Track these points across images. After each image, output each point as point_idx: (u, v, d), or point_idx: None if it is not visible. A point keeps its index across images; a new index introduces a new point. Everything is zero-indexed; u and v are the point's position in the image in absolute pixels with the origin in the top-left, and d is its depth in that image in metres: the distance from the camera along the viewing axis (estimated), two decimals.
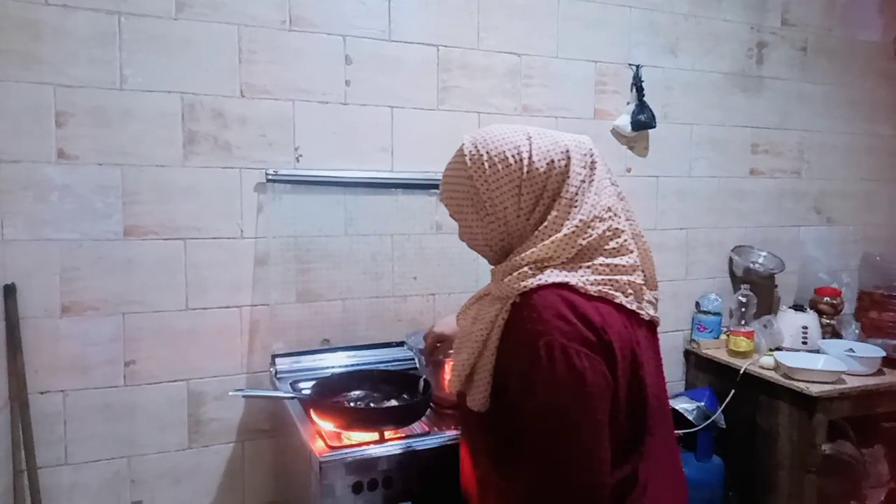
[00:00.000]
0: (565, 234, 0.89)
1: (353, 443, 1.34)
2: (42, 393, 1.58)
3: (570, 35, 2.10)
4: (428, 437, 1.39)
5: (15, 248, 1.54)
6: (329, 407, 1.41)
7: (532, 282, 0.88)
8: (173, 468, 1.72)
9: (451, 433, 1.40)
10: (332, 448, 1.31)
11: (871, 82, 2.64)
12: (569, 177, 0.92)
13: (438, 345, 1.42)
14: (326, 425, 1.38)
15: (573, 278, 0.88)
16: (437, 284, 1.99)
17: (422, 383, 1.48)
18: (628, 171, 2.22)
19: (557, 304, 0.85)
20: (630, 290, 0.90)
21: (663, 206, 2.30)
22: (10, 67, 1.51)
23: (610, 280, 0.89)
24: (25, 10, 1.51)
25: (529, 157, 0.92)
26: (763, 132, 2.48)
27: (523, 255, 0.91)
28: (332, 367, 1.76)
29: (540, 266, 0.90)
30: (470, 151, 0.95)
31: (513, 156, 0.92)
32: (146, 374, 1.68)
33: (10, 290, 1.53)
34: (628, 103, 2.19)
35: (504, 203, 0.93)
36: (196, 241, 1.70)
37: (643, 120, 2.14)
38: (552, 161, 0.92)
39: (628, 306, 0.90)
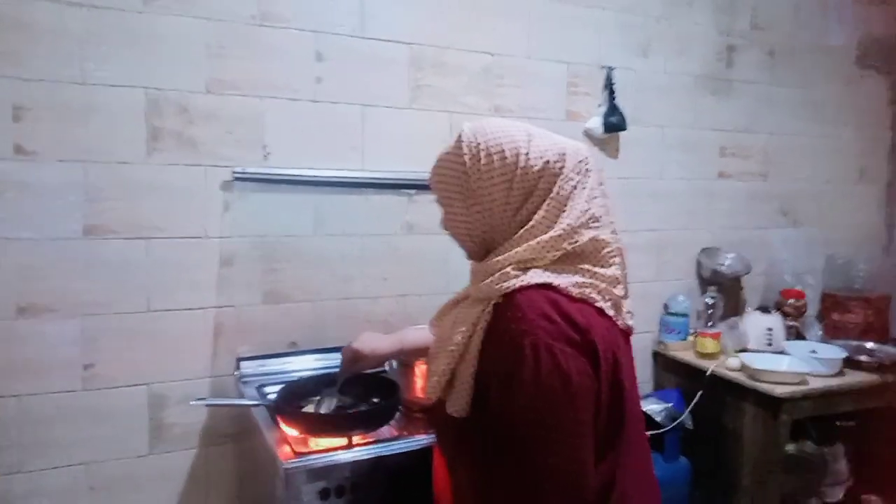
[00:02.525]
0: (552, 237, 0.89)
1: (321, 448, 1.32)
2: None
3: (542, 36, 2.10)
4: (397, 441, 1.37)
5: None
6: (295, 413, 1.38)
7: (515, 282, 0.87)
8: (134, 475, 1.67)
9: (420, 437, 1.39)
10: (299, 454, 1.28)
11: (834, 86, 2.70)
12: (561, 179, 0.91)
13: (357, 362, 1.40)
14: (293, 432, 1.36)
15: (557, 279, 0.87)
16: (409, 286, 1.97)
17: (390, 386, 1.47)
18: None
19: (542, 304, 0.85)
20: (609, 298, 0.90)
21: (634, 208, 2.31)
22: None
23: (592, 284, 0.89)
24: None
25: (526, 155, 0.91)
26: (731, 135, 2.51)
27: (506, 255, 0.90)
28: (300, 370, 1.73)
29: (523, 267, 0.89)
30: (468, 139, 0.94)
31: (510, 151, 0.91)
32: (106, 378, 1.62)
33: None
34: (599, 105, 2.20)
35: (493, 196, 0.92)
36: (159, 241, 1.65)
37: (614, 122, 2.15)
38: (548, 161, 0.91)
39: (607, 311, 0.89)
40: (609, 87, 2.18)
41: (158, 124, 1.63)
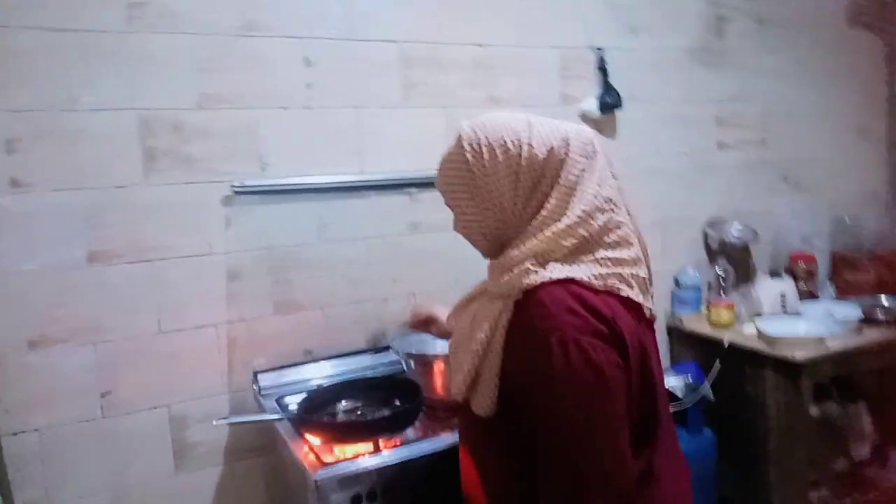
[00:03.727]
0: (567, 225, 0.86)
1: (348, 456, 1.31)
2: (15, 434, 1.51)
3: (531, 23, 2.08)
4: (423, 442, 1.37)
5: None
6: (319, 423, 1.37)
7: (535, 278, 0.85)
8: (162, 497, 1.65)
9: (446, 436, 1.38)
10: (326, 464, 1.28)
11: (826, 49, 2.68)
12: (568, 164, 0.89)
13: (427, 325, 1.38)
14: (318, 441, 1.35)
15: (577, 272, 0.85)
16: (418, 284, 1.95)
17: (412, 388, 1.46)
18: None
19: (565, 299, 0.83)
20: (635, 283, 0.88)
21: (635, 187, 2.28)
22: None
23: (615, 273, 0.87)
24: None
25: (529, 144, 0.89)
26: (727, 105, 2.50)
27: (522, 248, 0.88)
28: (317, 377, 1.72)
29: (541, 261, 0.86)
30: (469, 136, 0.92)
31: (512, 142, 0.89)
32: (124, 404, 1.61)
33: None
34: (594, 87, 2.18)
35: (500, 190, 0.90)
36: (164, 262, 1.64)
37: (610, 102, 2.14)
38: (552, 148, 0.89)
39: (635, 299, 0.87)
40: (602, 67, 2.17)
41: (153, 144, 1.62)
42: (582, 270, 0.85)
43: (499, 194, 0.90)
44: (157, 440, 1.65)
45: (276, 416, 1.48)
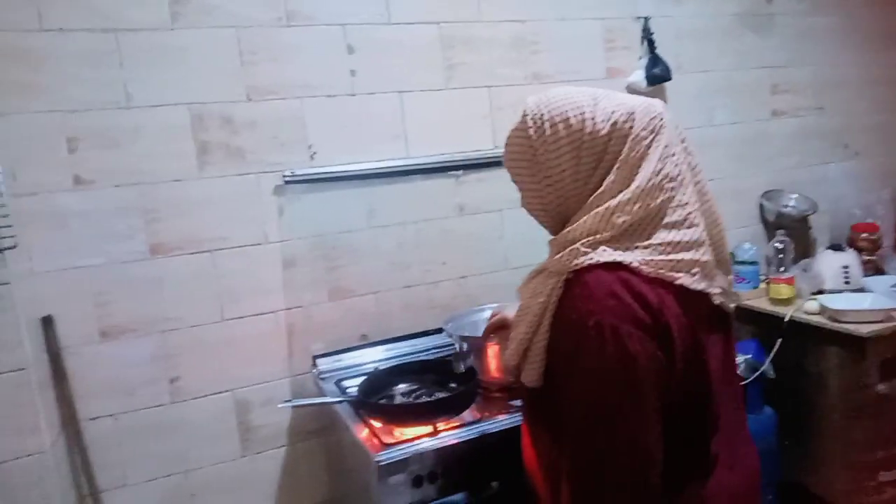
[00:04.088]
0: (619, 202, 0.84)
1: (407, 437, 1.34)
2: (92, 419, 1.59)
3: None
4: (480, 424, 1.38)
5: (46, 280, 1.53)
6: (379, 406, 1.40)
7: (584, 259, 0.84)
8: (230, 477, 1.73)
9: (502, 418, 1.40)
10: (387, 445, 1.31)
11: (882, 8, 2.53)
12: (631, 140, 0.86)
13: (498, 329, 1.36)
14: (378, 424, 1.38)
15: (629, 257, 0.83)
16: (467, 267, 1.96)
17: (465, 370, 1.47)
18: None
19: (611, 283, 0.81)
20: (696, 269, 0.84)
21: None
22: (12, 99, 1.47)
23: (671, 260, 0.83)
24: (20, 38, 1.47)
25: (593, 119, 0.87)
26: (780, 71, 2.40)
27: (576, 226, 0.86)
28: (373, 361, 1.76)
29: (593, 243, 0.85)
30: (532, 112, 0.91)
31: (575, 117, 0.87)
32: (191, 389, 1.68)
33: (48, 322, 1.53)
34: (640, 58, 2.12)
35: (562, 166, 0.88)
36: (222, 252, 1.69)
37: (658, 73, 2.07)
38: (615, 122, 0.87)
39: (692, 287, 0.83)
40: (647, 37, 2.10)
41: (205, 138, 1.66)
42: (634, 255, 0.83)
43: (559, 170, 0.88)
44: (224, 423, 1.72)
45: (337, 399, 1.52)
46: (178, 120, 1.63)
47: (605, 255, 0.83)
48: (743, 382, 1.91)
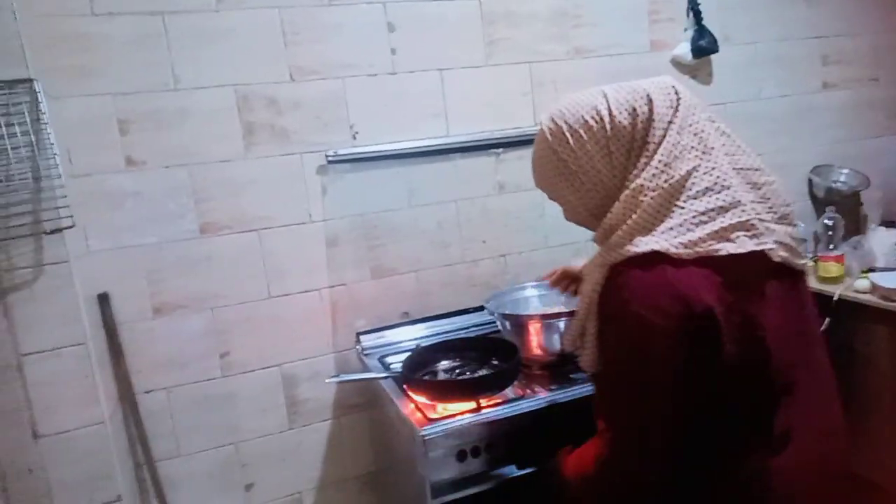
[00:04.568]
0: (644, 178, 0.86)
1: (451, 413, 1.36)
2: (147, 392, 1.66)
3: None
4: (523, 400, 1.39)
5: (101, 258, 1.59)
6: (423, 382, 1.42)
7: (622, 252, 0.86)
8: (278, 449, 1.79)
9: (544, 395, 1.41)
10: (431, 420, 1.33)
11: None
12: (656, 123, 0.87)
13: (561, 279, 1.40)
14: (422, 399, 1.40)
15: (664, 243, 0.82)
16: (507, 245, 1.96)
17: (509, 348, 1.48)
18: None
19: (646, 276, 0.83)
20: (738, 232, 0.82)
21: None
22: (66, 83, 1.52)
23: (708, 234, 0.82)
24: (72, 23, 1.51)
25: (609, 113, 0.89)
26: (832, 41, 2.30)
27: (611, 215, 0.89)
28: (415, 338, 1.79)
29: (628, 230, 0.86)
30: (549, 127, 0.94)
31: (592, 117, 0.90)
32: (241, 364, 1.74)
33: (104, 299, 1.59)
34: (686, 30, 2.06)
35: (596, 167, 0.90)
36: (269, 231, 1.72)
37: (704, 45, 2.02)
38: (634, 110, 0.88)
39: (738, 251, 0.81)
40: (694, 8, 2.04)
41: (251, 119, 1.68)
42: (668, 239, 0.82)
43: (595, 172, 0.91)
44: (272, 397, 1.77)
45: (383, 375, 1.55)
46: (224, 101, 1.66)
47: (642, 244, 0.84)
48: None
